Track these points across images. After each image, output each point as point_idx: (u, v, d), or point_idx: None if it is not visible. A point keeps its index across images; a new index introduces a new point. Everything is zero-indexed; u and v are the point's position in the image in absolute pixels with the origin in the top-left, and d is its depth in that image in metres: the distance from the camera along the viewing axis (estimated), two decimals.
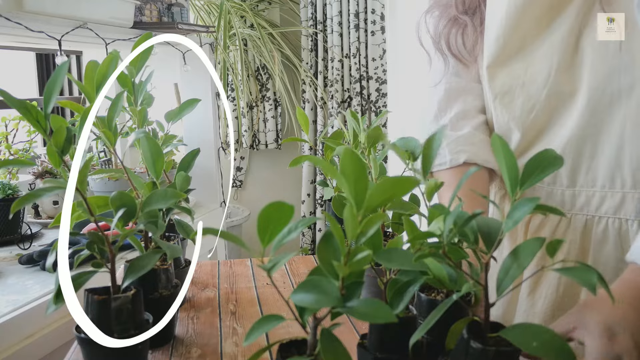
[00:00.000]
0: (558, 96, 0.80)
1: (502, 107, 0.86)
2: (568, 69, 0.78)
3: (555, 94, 0.80)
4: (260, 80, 3.16)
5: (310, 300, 0.49)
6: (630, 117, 0.74)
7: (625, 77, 0.74)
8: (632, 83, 0.73)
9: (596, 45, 0.75)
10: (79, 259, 0.78)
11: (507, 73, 0.84)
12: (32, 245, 1.64)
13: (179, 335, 0.93)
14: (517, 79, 0.83)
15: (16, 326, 1.22)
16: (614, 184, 0.78)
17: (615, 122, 0.76)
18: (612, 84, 0.75)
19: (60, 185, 0.73)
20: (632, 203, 0.77)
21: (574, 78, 0.78)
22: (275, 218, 0.51)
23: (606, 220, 0.80)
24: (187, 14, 2.17)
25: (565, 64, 0.78)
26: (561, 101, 0.80)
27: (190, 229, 0.91)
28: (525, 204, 0.53)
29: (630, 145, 0.75)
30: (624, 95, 0.74)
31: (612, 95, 0.75)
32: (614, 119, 0.76)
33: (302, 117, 1.12)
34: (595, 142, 0.78)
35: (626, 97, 0.74)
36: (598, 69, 0.75)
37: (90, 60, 0.83)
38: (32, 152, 1.91)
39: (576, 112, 0.79)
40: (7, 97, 0.67)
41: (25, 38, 1.72)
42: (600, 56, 0.75)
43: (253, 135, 3.21)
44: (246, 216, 3.05)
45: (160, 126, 1.08)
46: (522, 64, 0.82)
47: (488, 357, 0.54)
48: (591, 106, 0.77)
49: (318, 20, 2.98)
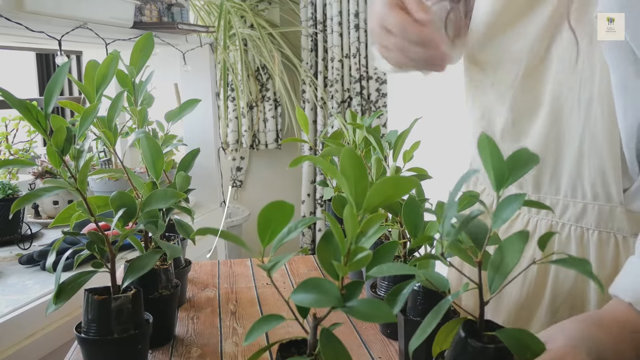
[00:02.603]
0: (522, 101, 0.81)
1: (474, 101, 0.89)
2: (533, 76, 0.79)
3: (520, 98, 0.81)
4: (260, 80, 3.16)
5: (310, 300, 0.50)
6: (589, 131, 0.74)
7: (584, 91, 0.73)
8: (590, 97, 0.73)
9: (560, 56, 0.75)
10: (79, 259, 0.78)
11: (479, 69, 0.86)
12: (32, 245, 1.64)
13: (179, 335, 0.94)
14: (487, 77, 0.84)
15: (16, 326, 1.22)
16: (576, 193, 0.79)
17: (575, 134, 0.76)
18: (572, 96, 0.75)
19: (60, 185, 0.73)
20: (593, 213, 0.78)
21: (538, 86, 0.79)
22: (276, 218, 0.51)
23: (569, 227, 0.81)
24: (187, 14, 2.17)
25: (532, 70, 0.78)
26: (526, 107, 0.81)
27: (190, 229, 0.91)
28: (513, 201, 0.54)
29: (589, 158, 0.76)
30: (583, 108, 0.74)
31: (572, 107, 0.75)
32: (573, 131, 0.76)
33: (302, 117, 1.13)
34: (557, 151, 0.79)
35: (585, 111, 0.74)
36: (560, 79, 0.76)
37: (90, 60, 0.83)
38: (32, 152, 1.91)
39: (539, 121, 0.79)
40: (8, 96, 0.68)
41: (25, 38, 1.72)
42: (563, 67, 0.75)
43: (253, 135, 3.21)
44: (246, 216, 3.06)
45: (160, 126, 1.08)
46: (493, 64, 0.83)
47: (488, 354, 0.54)
48: (553, 116, 0.78)
49: (318, 20, 2.98)
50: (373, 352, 0.86)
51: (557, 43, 0.76)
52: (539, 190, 0.84)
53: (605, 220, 0.78)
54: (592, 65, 0.72)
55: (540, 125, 0.80)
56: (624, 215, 0.76)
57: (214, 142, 2.42)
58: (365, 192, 0.47)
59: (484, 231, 0.59)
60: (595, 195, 0.77)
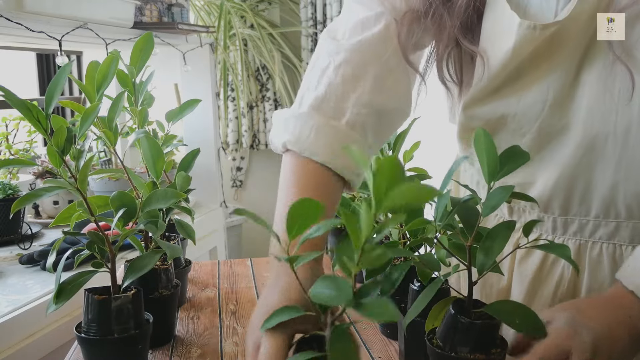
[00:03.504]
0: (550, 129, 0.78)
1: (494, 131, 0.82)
2: (563, 103, 0.76)
3: (547, 127, 0.78)
4: (260, 80, 3.16)
5: (325, 296, 0.51)
6: (625, 158, 0.73)
7: (622, 118, 0.72)
8: (629, 124, 0.72)
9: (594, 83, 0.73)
10: (79, 258, 0.78)
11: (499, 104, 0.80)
12: (32, 245, 1.64)
13: (179, 335, 0.94)
14: (509, 108, 0.79)
15: (16, 326, 1.22)
16: (609, 214, 0.78)
17: (610, 161, 0.74)
18: (608, 123, 0.73)
19: (61, 185, 0.73)
20: (627, 230, 0.77)
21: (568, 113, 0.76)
22: (305, 214, 0.52)
23: (600, 245, 0.80)
24: (187, 14, 2.17)
25: (561, 98, 0.76)
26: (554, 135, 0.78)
27: (191, 229, 0.91)
28: (501, 192, 0.60)
29: (625, 183, 0.74)
30: (620, 135, 0.73)
31: (608, 135, 0.73)
32: (608, 158, 0.74)
33: None
34: (588, 178, 0.77)
35: (622, 138, 0.73)
36: (594, 106, 0.74)
37: (91, 60, 0.83)
38: (32, 152, 1.91)
39: (568, 149, 0.77)
40: (10, 96, 0.68)
41: (25, 38, 1.72)
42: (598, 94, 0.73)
43: (253, 135, 3.21)
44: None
45: (160, 126, 1.08)
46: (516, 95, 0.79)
47: (476, 329, 0.60)
48: (585, 144, 0.75)
49: (318, 21, 2.98)
50: (373, 352, 0.86)
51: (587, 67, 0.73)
52: (567, 212, 0.81)
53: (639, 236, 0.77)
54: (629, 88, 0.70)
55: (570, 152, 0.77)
56: None
57: (214, 142, 2.42)
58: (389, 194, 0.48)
59: (475, 216, 0.63)
60: (630, 214, 0.76)
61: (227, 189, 3.22)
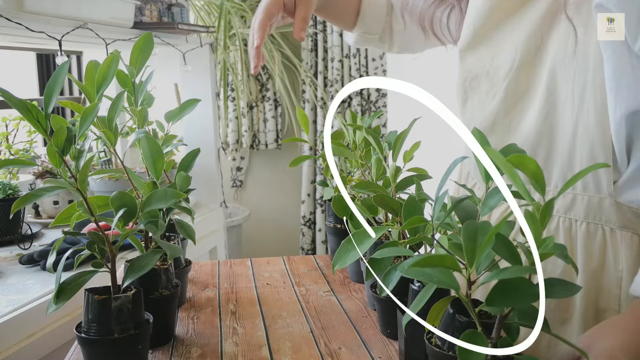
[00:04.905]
0: (516, 91, 0.82)
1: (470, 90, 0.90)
2: (529, 66, 0.79)
3: (513, 88, 0.82)
4: (260, 80, 3.16)
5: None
6: (581, 122, 0.75)
7: (578, 81, 0.74)
8: (584, 88, 0.74)
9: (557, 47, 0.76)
10: (79, 258, 0.78)
11: (476, 59, 0.87)
12: (32, 245, 1.64)
13: (179, 335, 0.94)
14: (483, 67, 0.85)
15: (16, 326, 1.22)
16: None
17: (568, 125, 0.77)
18: (566, 86, 0.76)
19: (61, 185, 0.73)
20: (582, 205, 0.79)
21: (533, 76, 0.80)
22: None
23: (558, 218, 0.82)
24: (187, 14, 2.17)
25: (528, 60, 0.79)
26: (519, 97, 0.82)
27: (191, 229, 0.91)
28: (500, 191, 0.60)
29: (581, 149, 0.76)
30: (577, 99, 0.75)
31: (567, 97, 0.76)
32: (567, 121, 0.77)
33: (302, 117, 1.13)
34: (550, 142, 0.80)
35: (579, 102, 0.75)
36: (556, 70, 0.76)
37: (90, 60, 0.83)
38: (32, 152, 1.91)
39: (532, 112, 0.80)
40: (8, 96, 0.68)
41: (25, 38, 1.72)
42: (560, 58, 0.75)
43: (253, 135, 3.21)
44: (246, 216, 3.05)
45: (160, 126, 1.08)
46: (490, 53, 0.84)
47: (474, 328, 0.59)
48: (547, 107, 0.78)
49: (318, 20, 2.98)
50: (373, 352, 0.86)
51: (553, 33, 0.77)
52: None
53: (593, 212, 0.79)
54: (586, 55, 0.72)
55: (533, 117, 0.80)
56: (613, 207, 0.76)
57: (214, 142, 2.42)
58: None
59: (473, 214, 0.64)
60: (586, 186, 0.78)
61: (227, 189, 3.22)
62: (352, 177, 1.15)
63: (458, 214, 0.65)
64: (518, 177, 0.51)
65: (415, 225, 0.70)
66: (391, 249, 0.71)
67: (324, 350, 0.87)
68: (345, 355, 0.85)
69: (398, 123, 2.52)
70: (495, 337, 0.57)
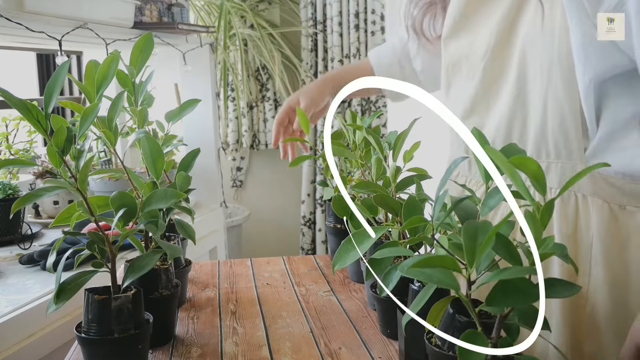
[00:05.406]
0: (492, 72, 0.87)
1: (452, 76, 0.96)
2: (503, 47, 0.85)
3: (489, 69, 0.87)
4: (260, 80, 3.16)
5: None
6: (551, 92, 0.79)
7: (546, 55, 0.78)
8: (551, 60, 0.78)
9: (527, 29, 0.81)
10: (79, 258, 0.78)
11: (457, 45, 0.93)
12: (32, 245, 1.64)
13: (179, 335, 0.94)
14: (463, 52, 0.92)
15: (16, 326, 1.22)
16: (540, 154, 0.84)
17: (539, 97, 0.81)
18: (535, 61, 0.80)
19: (61, 185, 0.73)
20: (556, 172, 0.83)
21: (506, 55, 0.85)
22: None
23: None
24: (187, 14, 2.17)
25: (502, 42, 0.85)
26: (495, 77, 0.87)
27: (191, 229, 0.91)
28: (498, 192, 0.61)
29: (552, 119, 0.80)
30: (545, 72, 0.79)
31: (535, 72, 0.80)
32: (538, 94, 0.81)
33: (302, 117, 1.13)
34: (524, 115, 0.84)
35: (547, 74, 0.79)
36: (526, 47, 0.81)
37: (90, 60, 0.83)
38: (32, 152, 1.91)
39: (508, 88, 0.85)
40: (8, 96, 0.68)
41: (25, 38, 1.72)
42: (529, 38, 0.81)
43: (253, 135, 3.21)
44: (246, 216, 3.05)
45: (160, 126, 1.08)
46: (469, 38, 0.91)
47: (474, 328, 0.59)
48: (519, 83, 0.83)
49: (318, 21, 2.98)
50: (373, 352, 0.86)
51: (524, 13, 0.82)
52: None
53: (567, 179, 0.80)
54: (552, 29, 0.77)
55: (508, 92, 0.85)
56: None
57: (214, 142, 2.42)
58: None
59: (473, 214, 0.64)
60: (559, 153, 0.82)
61: (227, 189, 3.22)
62: (352, 177, 1.15)
63: (458, 214, 0.65)
64: (519, 177, 0.51)
65: (415, 225, 0.70)
66: (391, 249, 0.71)
67: (324, 350, 0.87)
68: (345, 355, 0.85)
69: (398, 123, 2.52)
70: (495, 337, 0.57)
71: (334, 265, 0.74)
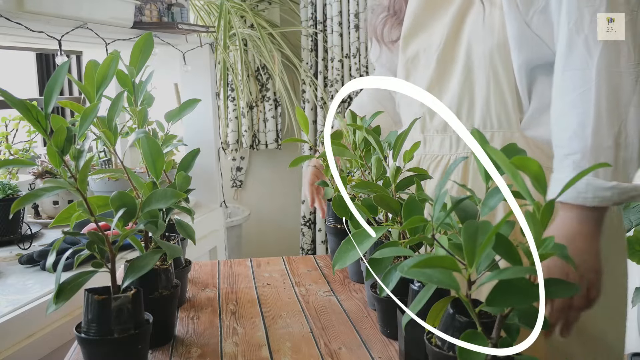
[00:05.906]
0: (444, 61, 1.03)
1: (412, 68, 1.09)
2: (453, 40, 1.01)
3: (442, 58, 1.03)
4: (260, 80, 3.16)
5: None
6: (493, 75, 0.98)
7: (487, 44, 0.96)
8: (492, 48, 0.96)
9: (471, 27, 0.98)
10: (79, 259, 0.78)
11: (417, 42, 1.08)
12: (32, 245, 1.64)
13: (179, 335, 0.94)
14: (421, 46, 1.07)
15: (16, 326, 1.22)
16: (486, 126, 1.00)
17: (483, 79, 0.99)
18: (477, 49, 0.98)
19: (61, 185, 0.73)
20: (498, 141, 0.99)
21: (455, 48, 1.01)
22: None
23: None
24: (187, 14, 2.17)
25: (452, 36, 1.01)
26: (446, 65, 1.03)
27: (191, 229, 0.91)
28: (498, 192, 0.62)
29: (494, 96, 0.98)
30: (488, 58, 0.97)
31: (479, 59, 0.98)
32: (482, 77, 0.99)
33: (302, 117, 1.13)
34: (471, 96, 1.01)
35: (490, 60, 0.97)
36: (471, 41, 0.99)
37: (90, 60, 0.83)
38: (32, 152, 1.91)
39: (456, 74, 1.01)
40: (8, 96, 0.68)
41: (25, 38, 1.72)
42: (474, 32, 0.98)
43: (253, 135, 3.21)
44: (246, 216, 3.05)
45: (160, 126, 1.08)
46: (426, 35, 1.06)
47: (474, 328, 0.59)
48: (466, 69, 1.00)
49: (318, 20, 2.98)
50: (373, 352, 0.86)
51: (469, 13, 0.99)
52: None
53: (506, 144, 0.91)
54: (492, 25, 0.95)
55: (457, 78, 1.01)
56: (522, 140, 0.96)
57: (214, 142, 2.42)
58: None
59: (473, 214, 0.65)
60: (500, 124, 0.99)
61: (227, 189, 3.22)
62: (352, 177, 1.15)
63: (458, 214, 0.65)
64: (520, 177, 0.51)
65: (415, 225, 0.70)
66: (391, 249, 0.71)
67: (324, 350, 0.87)
68: (345, 355, 0.85)
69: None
70: (495, 337, 0.57)
71: (334, 266, 0.74)
